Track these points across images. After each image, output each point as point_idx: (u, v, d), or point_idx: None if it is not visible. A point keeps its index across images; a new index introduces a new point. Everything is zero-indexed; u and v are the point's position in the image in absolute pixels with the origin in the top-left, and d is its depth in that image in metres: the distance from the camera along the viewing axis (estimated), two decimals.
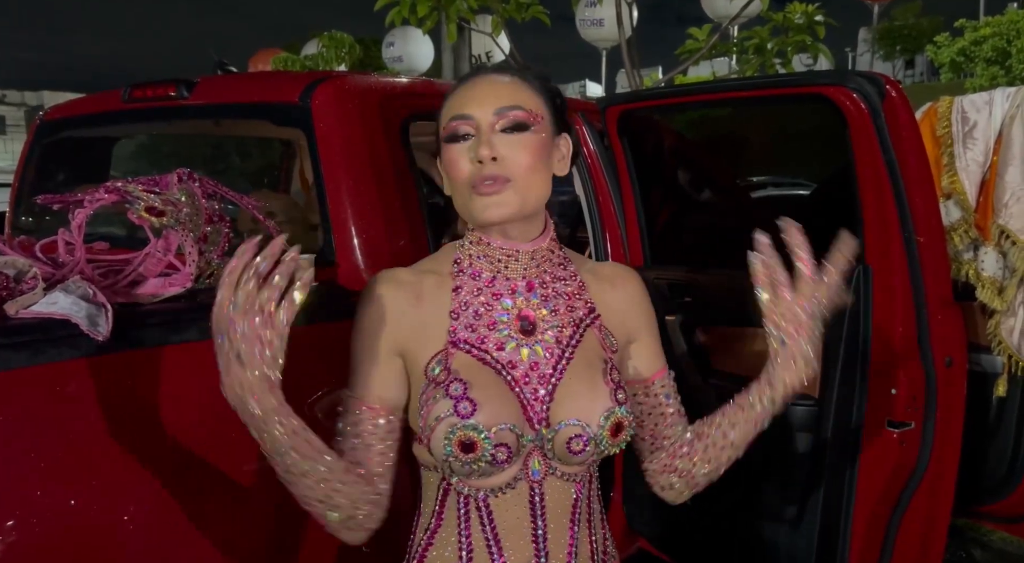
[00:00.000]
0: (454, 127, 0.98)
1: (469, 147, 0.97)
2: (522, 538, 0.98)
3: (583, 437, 0.96)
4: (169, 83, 1.95)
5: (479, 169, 0.96)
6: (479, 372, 0.97)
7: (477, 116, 0.97)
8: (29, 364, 1.16)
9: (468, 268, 1.02)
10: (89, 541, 1.21)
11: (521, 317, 1.00)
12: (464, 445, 0.92)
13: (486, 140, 0.96)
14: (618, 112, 2.16)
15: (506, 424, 0.94)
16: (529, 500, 0.97)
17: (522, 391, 0.97)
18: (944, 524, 1.89)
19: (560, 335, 1.01)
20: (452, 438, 0.92)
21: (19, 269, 1.27)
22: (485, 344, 0.98)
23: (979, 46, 20.84)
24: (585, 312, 1.04)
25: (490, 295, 1.01)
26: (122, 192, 1.40)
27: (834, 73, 1.76)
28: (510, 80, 1.00)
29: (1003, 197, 2.25)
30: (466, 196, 0.97)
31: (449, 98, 1.02)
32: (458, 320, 1.00)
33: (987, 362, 2.41)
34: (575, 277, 1.06)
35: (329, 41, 14.94)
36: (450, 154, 0.98)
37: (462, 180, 0.97)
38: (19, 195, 2.34)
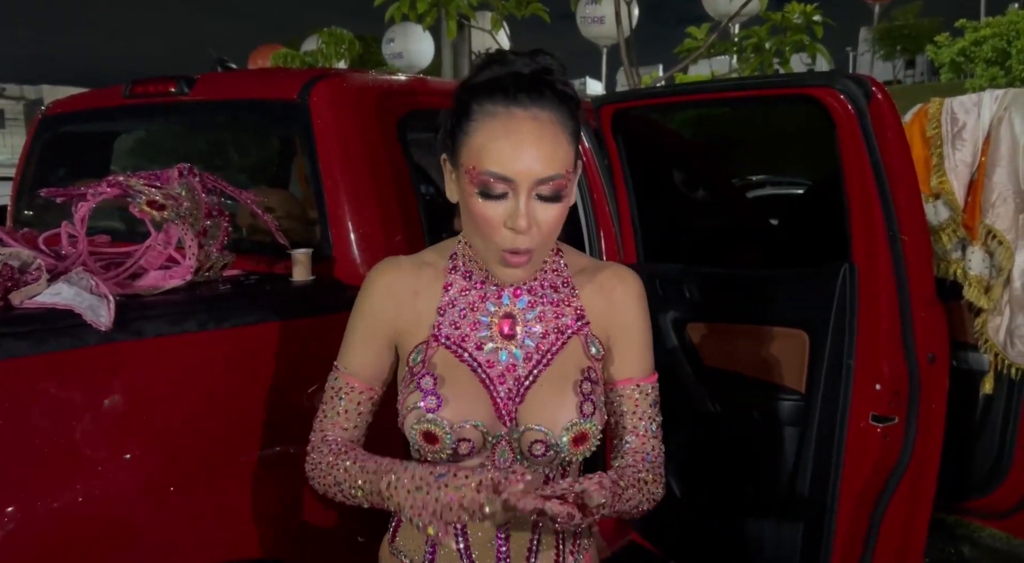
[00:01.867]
0: (490, 184, 0.92)
1: (503, 206, 0.93)
2: (489, 557, 1.03)
3: (544, 443, 0.99)
4: (170, 79, 1.97)
5: (511, 236, 0.94)
6: (454, 369, 1.01)
7: (519, 181, 0.92)
8: (33, 353, 1.20)
9: (461, 267, 1.05)
10: (91, 526, 1.24)
11: (504, 320, 1.03)
12: (427, 436, 0.98)
13: (524, 209, 0.92)
14: (612, 111, 2.19)
15: (470, 421, 0.98)
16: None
17: (496, 390, 1.01)
18: (926, 517, 1.92)
19: (541, 342, 1.03)
20: (417, 429, 0.99)
21: (23, 261, 1.30)
22: (465, 343, 1.02)
23: (979, 46, 20.84)
24: (572, 320, 1.05)
25: (477, 297, 1.04)
26: (124, 186, 1.44)
27: (822, 75, 1.78)
28: (552, 128, 0.93)
29: (990, 197, 2.28)
30: (490, 252, 0.97)
31: (480, 132, 0.93)
32: (444, 316, 1.03)
33: (974, 360, 2.44)
34: (568, 283, 1.07)
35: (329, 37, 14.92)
36: (482, 209, 0.94)
37: (492, 237, 0.95)
38: (21, 189, 2.37)
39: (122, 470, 1.27)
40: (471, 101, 0.95)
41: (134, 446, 1.29)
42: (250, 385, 1.44)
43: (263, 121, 2.12)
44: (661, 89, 2.58)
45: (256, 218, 1.69)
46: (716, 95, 2.13)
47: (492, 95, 0.94)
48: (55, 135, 2.34)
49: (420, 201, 1.82)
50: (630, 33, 6.35)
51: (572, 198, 0.99)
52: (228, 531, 1.40)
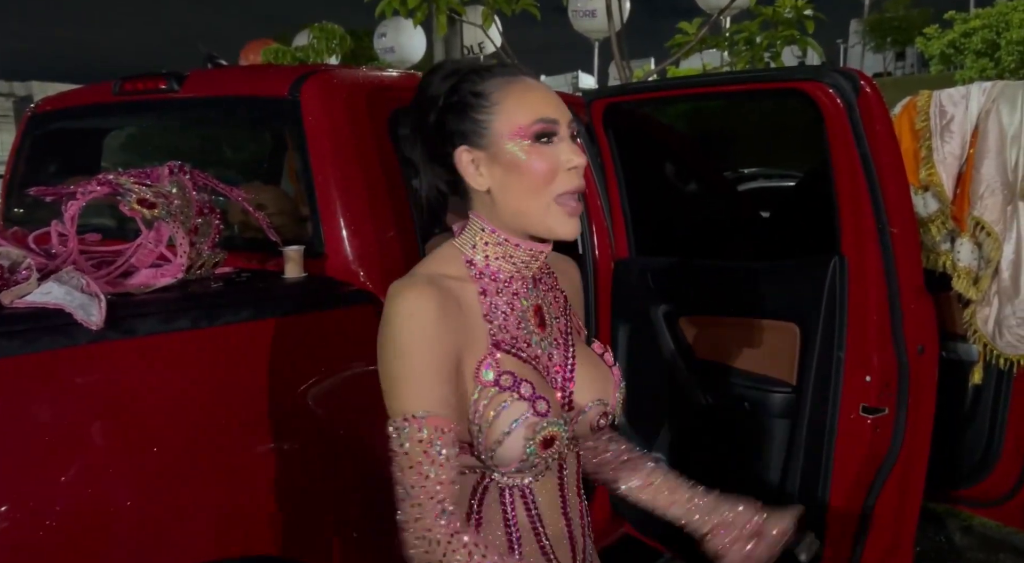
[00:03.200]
0: (542, 128, 0.96)
1: (551, 151, 0.96)
2: (556, 512, 1.05)
3: (607, 413, 1.07)
4: (159, 76, 1.97)
5: (567, 177, 0.96)
6: (524, 370, 0.99)
7: (561, 120, 0.97)
8: (24, 352, 1.20)
9: (487, 269, 1.01)
10: (82, 527, 1.24)
11: (537, 312, 1.05)
12: (547, 442, 0.96)
13: (575, 147, 0.97)
14: (603, 105, 2.20)
15: (564, 415, 1.02)
16: (558, 477, 1.06)
17: (554, 381, 1.05)
18: (916, 506, 1.94)
19: (560, 325, 1.08)
20: (536, 437, 0.94)
21: (13, 260, 1.30)
22: (519, 343, 1.01)
23: (969, 38, 20.93)
24: (564, 300, 1.11)
25: (510, 294, 1.02)
26: (114, 184, 1.43)
27: (810, 69, 1.79)
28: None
29: (979, 189, 2.29)
30: (544, 204, 0.96)
31: (508, 95, 0.97)
32: (493, 322, 1.00)
33: (963, 350, 2.46)
34: (550, 271, 1.12)
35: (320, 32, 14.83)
36: (538, 160, 0.95)
37: (546, 184, 0.96)
38: (10, 187, 2.36)
39: (115, 468, 1.27)
40: (472, 85, 0.98)
41: (126, 444, 1.29)
42: (243, 382, 1.44)
43: (254, 118, 2.12)
44: (651, 83, 2.59)
45: (247, 215, 1.69)
46: (706, 89, 2.13)
47: (493, 72, 0.99)
48: (45, 132, 2.33)
49: (412, 197, 1.82)
50: (621, 27, 6.35)
51: None
52: (221, 529, 1.40)
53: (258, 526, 1.45)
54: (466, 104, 0.98)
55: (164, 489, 1.32)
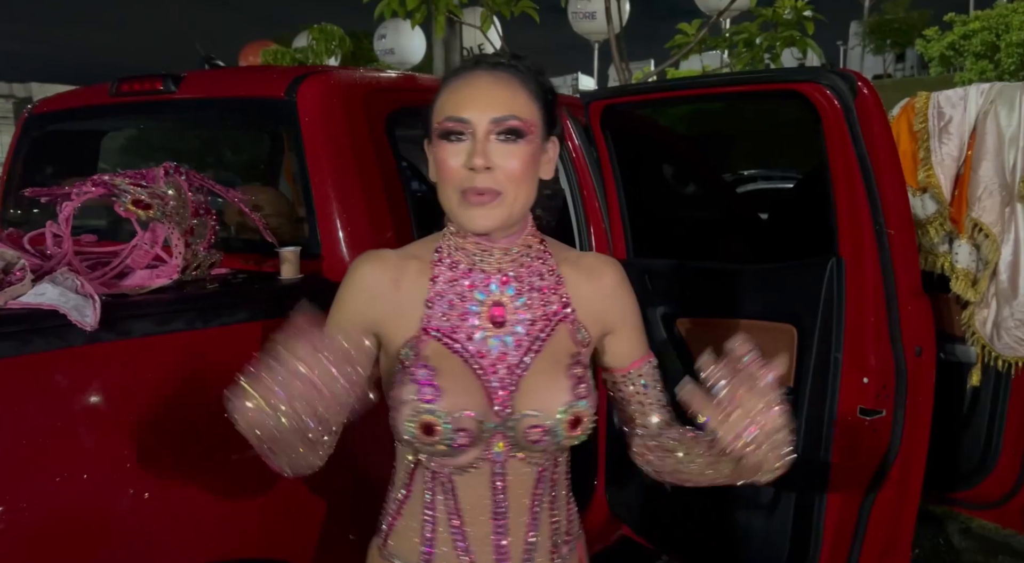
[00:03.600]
0: (449, 127, 0.98)
1: (462, 149, 0.97)
2: (483, 514, 1.03)
3: (541, 428, 1.00)
4: (156, 77, 1.97)
5: (470, 176, 0.97)
6: (447, 360, 1.00)
7: (474, 120, 0.97)
8: (17, 354, 1.20)
9: (447, 258, 1.05)
10: (76, 528, 1.24)
11: (493, 309, 1.03)
12: (425, 428, 0.97)
13: (481, 148, 0.96)
14: (601, 107, 2.20)
15: (466, 411, 0.98)
16: (491, 480, 1.02)
17: (489, 380, 1.01)
18: (914, 508, 1.94)
19: (531, 328, 1.04)
20: (414, 421, 0.97)
21: (8, 261, 1.30)
22: (456, 333, 1.02)
23: (968, 40, 20.93)
24: (559, 307, 1.06)
25: (465, 286, 1.03)
26: (109, 185, 1.43)
27: (808, 70, 1.79)
28: (509, 81, 1.00)
29: (976, 191, 2.29)
30: (453, 200, 0.99)
31: (446, 90, 1.01)
32: (432, 309, 1.03)
33: (961, 352, 2.46)
34: (553, 272, 1.08)
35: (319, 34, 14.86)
36: (442, 152, 0.99)
37: (451, 181, 0.98)
38: (7, 188, 2.36)
39: (110, 470, 1.27)
40: (442, 81, 1.03)
41: (121, 446, 1.28)
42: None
43: (251, 119, 2.12)
44: (649, 85, 2.59)
45: (244, 216, 1.69)
46: (704, 91, 2.13)
47: (462, 66, 1.04)
48: (42, 134, 2.33)
49: (409, 198, 1.82)
50: (621, 28, 6.35)
51: (545, 161, 1.04)
52: (218, 530, 1.40)
53: (252, 528, 1.45)
54: (435, 98, 1.03)
55: (158, 490, 1.31)
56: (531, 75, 1.02)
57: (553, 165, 1.07)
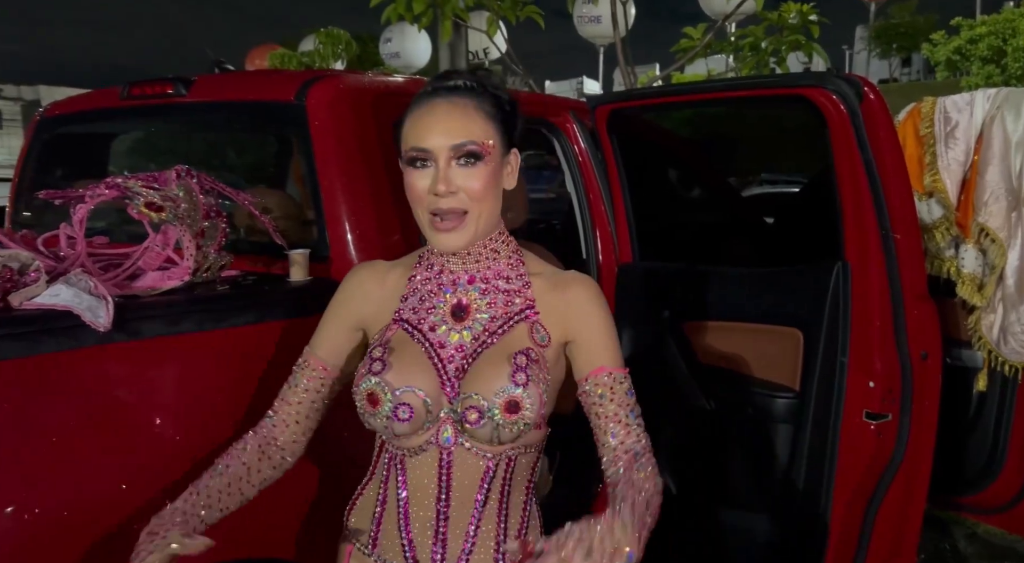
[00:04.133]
0: (413, 155, 1.08)
1: (428, 175, 1.07)
2: (427, 498, 1.10)
3: (478, 409, 1.06)
4: (167, 81, 1.98)
5: (435, 200, 1.07)
6: (408, 346, 1.12)
7: (434, 149, 1.06)
8: (33, 353, 1.21)
9: (426, 262, 1.17)
10: (87, 528, 1.25)
11: (456, 305, 1.13)
12: (371, 398, 1.08)
13: (443, 175, 1.06)
14: (607, 111, 2.21)
15: (411, 387, 1.07)
16: (438, 465, 1.10)
17: (444, 368, 1.10)
18: (919, 513, 1.94)
19: (489, 324, 1.12)
20: (363, 389, 1.08)
21: (23, 262, 1.31)
22: (421, 325, 1.13)
23: (975, 44, 20.88)
24: (522, 307, 1.14)
25: (436, 285, 1.15)
26: (122, 188, 1.45)
27: (814, 75, 1.80)
28: (464, 106, 1.08)
29: (983, 196, 2.30)
30: (424, 221, 1.10)
31: (410, 118, 1.10)
32: (405, 302, 1.16)
33: (968, 357, 2.46)
34: (522, 277, 1.16)
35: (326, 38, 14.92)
36: (410, 178, 1.09)
37: (419, 203, 1.09)
38: (19, 190, 2.38)
39: (121, 470, 1.28)
40: (408, 110, 1.11)
41: (133, 446, 1.30)
42: (248, 385, 1.44)
43: (260, 122, 2.13)
44: (655, 89, 2.60)
45: (254, 219, 1.70)
46: (710, 95, 2.14)
47: (419, 96, 1.11)
48: (53, 136, 2.35)
49: None
50: (626, 32, 6.37)
51: (506, 173, 1.12)
52: (227, 530, 1.41)
53: (262, 528, 1.46)
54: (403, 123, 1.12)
55: (170, 490, 1.32)
56: (487, 94, 1.10)
57: (516, 175, 1.15)
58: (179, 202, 1.48)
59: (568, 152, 2.27)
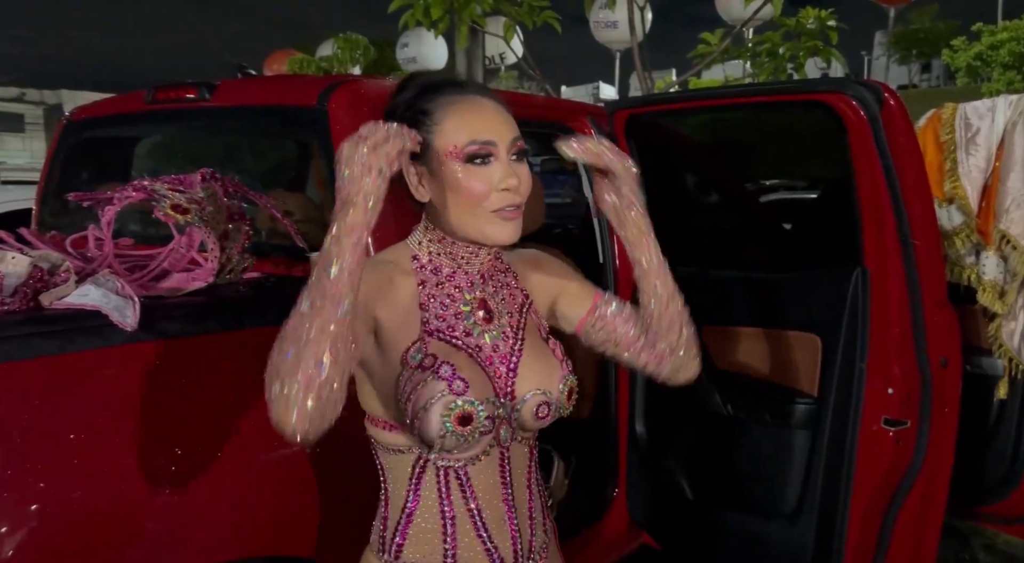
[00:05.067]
0: (475, 151, 1.01)
1: (488, 172, 1.02)
2: (496, 498, 1.10)
3: (548, 403, 1.08)
4: (191, 86, 2.02)
5: (505, 196, 1.02)
6: (456, 355, 1.06)
7: (499, 143, 1.02)
8: (62, 352, 1.24)
9: (428, 264, 1.10)
10: (115, 522, 1.27)
11: (483, 306, 1.10)
12: (462, 419, 1.01)
13: (510, 169, 1.02)
14: (625, 116, 2.21)
15: (490, 398, 1.05)
16: (499, 464, 1.09)
17: (488, 370, 1.08)
18: (938, 521, 1.93)
19: (511, 320, 1.12)
20: (451, 414, 1.01)
21: (53, 263, 1.34)
22: (455, 331, 1.08)
23: (996, 50, 20.69)
24: (523, 299, 1.16)
25: (452, 288, 1.09)
26: (149, 190, 1.47)
27: (834, 81, 1.80)
28: (500, 104, 1.06)
29: (1004, 202, 2.28)
30: (481, 216, 1.03)
31: (452, 116, 1.03)
32: (428, 311, 1.08)
33: (988, 365, 2.44)
34: (509, 269, 1.17)
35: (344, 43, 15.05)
36: (470, 181, 1.02)
37: (480, 202, 1.02)
38: (45, 192, 2.42)
39: (148, 467, 1.30)
40: (422, 103, 1.04)
41: (159, 443, 1.32)
42: None
43: (282, 126, 2.16)
44: (673, 94, 2.60)
45: (276, 221, 1.73)
46: (729, 101, 2.15)
47: (441, 89, 1.05)
48: (79, 140, 2.39)
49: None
50: (643, 38, 6.37)
51: None
52: (252, 528, 1.43)
53: (291, 526, 1.47)
54: (415, 121, 1.04)
55: (193, 488, 1.34)
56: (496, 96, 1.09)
57: None
58: (204, 205, 1.51)
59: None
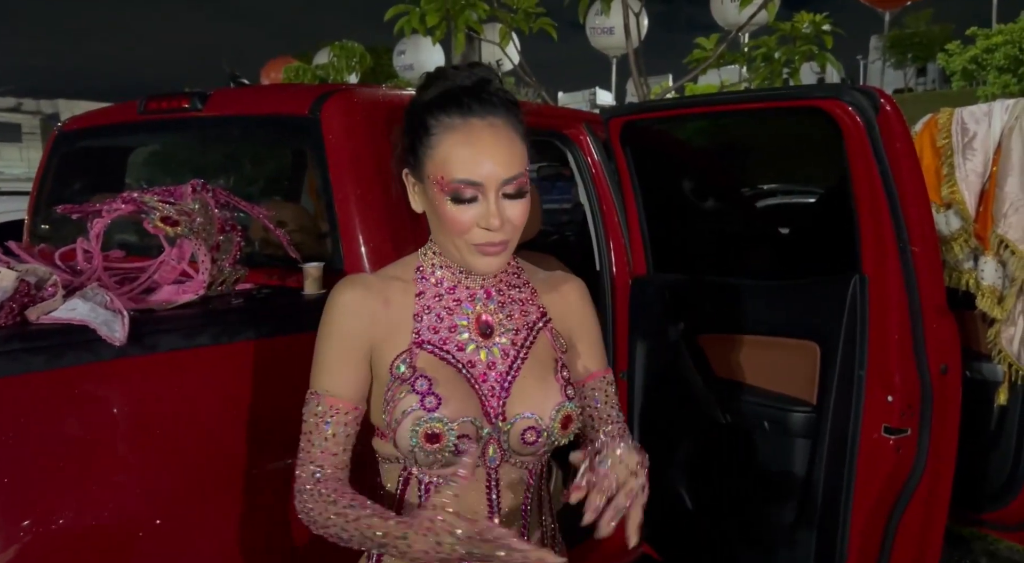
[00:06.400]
0: (461, 190, 0.98)
1: (475, 210, 0.99)
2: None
3: (536, 429, 1.04)
4: (183, 96, 2.00)
5: (483, 234, 1.00)
6: (442, 370, 1.04)
7: (486, 184, 0.98)
8: (49, 368, 1.22)
9: (431, 275, 1.09)
10: (103, 539, 1.25)
11: (480, 321, 1.08)
12: (429, 437, 1.00)
13: (495, 209, 0.99)
14: (621, 123, 2.20)
15: (467, 417, 1.02)
16: (486, 485, 1.06)
17: (480, 388, 1.05)
18: (940, 529, 1.91)
19: (515, 337, 1.09)
20: (418, 430, 1.00)
21: (40, 276, 1.32)
22: (447, 345, 1.06)
23: (991, 54, 20.78)
24: (538, 316, 1.12)
25: (452, 301, 1.08)
26: (138, 202, 1.46)
27: (830, 87, 1.79)
28: (504, 130, 1.00)
29: (1002, 207, 2.27)
30: (463, 248, 1.02)
31: (445, 145, 0.99)
32: (421, 322, 1.06)
33: (988, 371, 2.42)
34: (527, 284, 1.14)
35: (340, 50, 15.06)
36: (454, 213, 0.99)
37: (462, 235, 1.01)
38: (37, 204, 2.41)
39: (137, 483, 1.28)
40: (427, 117, 1.01)
41: (148, 459, 1.30)
42: (262, 398, 1.45)
43: (275, 136, 2.15)
44: (668, 101, 2.60)
45: (268, 232, 1.71)
46: (725, 107, 2.14)
47: (446, 108, 1.01)
48: (71, 150, 2.38)
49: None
50: (639, 43, 6.37)
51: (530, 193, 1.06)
52: (242, 543, 1.41)
53: (280, 541, 1.45)
54: (415, 135, 1.02)
55: (185, 503, 1.32)
56: (514, 110, 1.03)
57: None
58: (194, 216, 1.49)
59: (581, 164, 2.27)
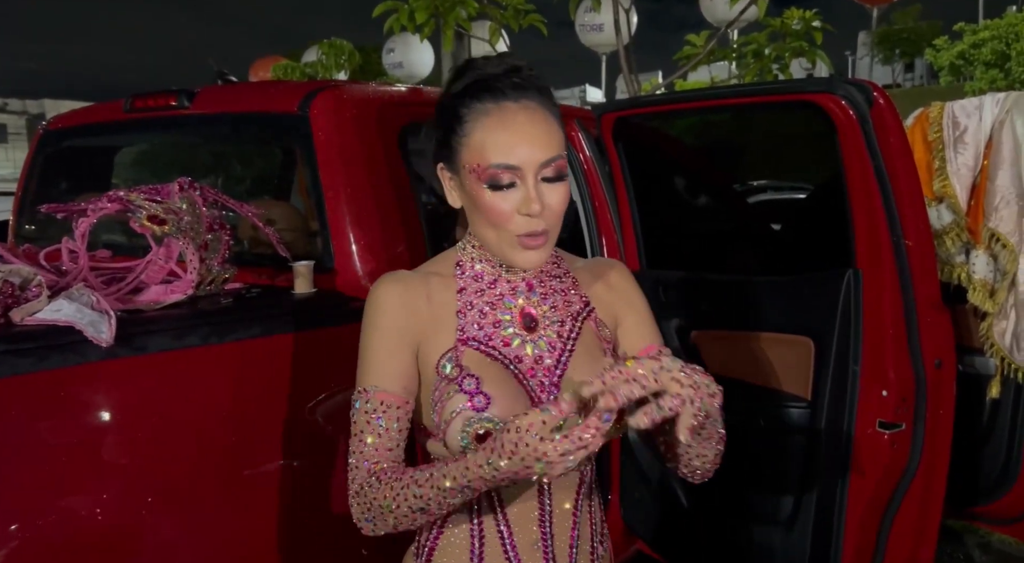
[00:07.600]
0: (498, 175, 0.96)
1: (515, 197, 0.97)
2: (531, 522, 1.03)
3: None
4: (170, 93, 1.98)
5: (526, 221, 0.97)
6: (489, 367, 1.01)
7: (524, 167, 0.96)
8: (34, 370, 1.20)
9: (470, 270, 1.06)
10: (90, 543, 1.23)
11: (524, 315, 1.05)
12: (480, 437, 0.96)
13: (534, 194, 0.96)
14: (613, 119, 2.19)
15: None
16: (537, 487, 1.03)
17: (529, 383, 1.02)
18: (935, 524, 1.91)
19: (561, 329, 1.06)
20: (469, 431, 0.97)
21: (24, 277, 1.30)
22: (492, 341, 1.03)
23: (978, 49, 20.91)
24: (581, 306, 1.09)
25: (494, 295, 1.05)
26: (124, 201, 1.44)
27: (823, 81, 1.78)
28: (541, 113, 0.99)
29: (993, 201, 2.27)
30: (507, 241, 0.99)
31: (480, 127, 0.97)
32: (465, 319, 1.04)
33: (980, 364, 2.43)
34: (568, 274, 1.11)
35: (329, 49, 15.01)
36: (493, 201, 0.97)
37: (505, 225, 0.98)
38: (22, 204, 2.37)
39: (125, 485, 1.26)
40: (459, 106, 0.99)
41: (136, 461, 1.28)
42: (252, 399, 1.43)
43: (264, 134, 2.13)
44: (661, 97, 2.59)
45: (257, 231, 1.69)
46: (716, 102, 2.13)
47: (479, 95, 0.98)
48: (56, 150, 2.35)
49: (422, 212, 1.82)
50: (629, 40, 6.36)
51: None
52: (231, 545, 1.39)
53: (269, 541, 1.44)
54: (448, 126, 1.00)
55: (174, 506, 1.31)
56: (547, 93, 1.01)
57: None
58: (182, 215, 1.47)
59: (573, 161, 2.26)
